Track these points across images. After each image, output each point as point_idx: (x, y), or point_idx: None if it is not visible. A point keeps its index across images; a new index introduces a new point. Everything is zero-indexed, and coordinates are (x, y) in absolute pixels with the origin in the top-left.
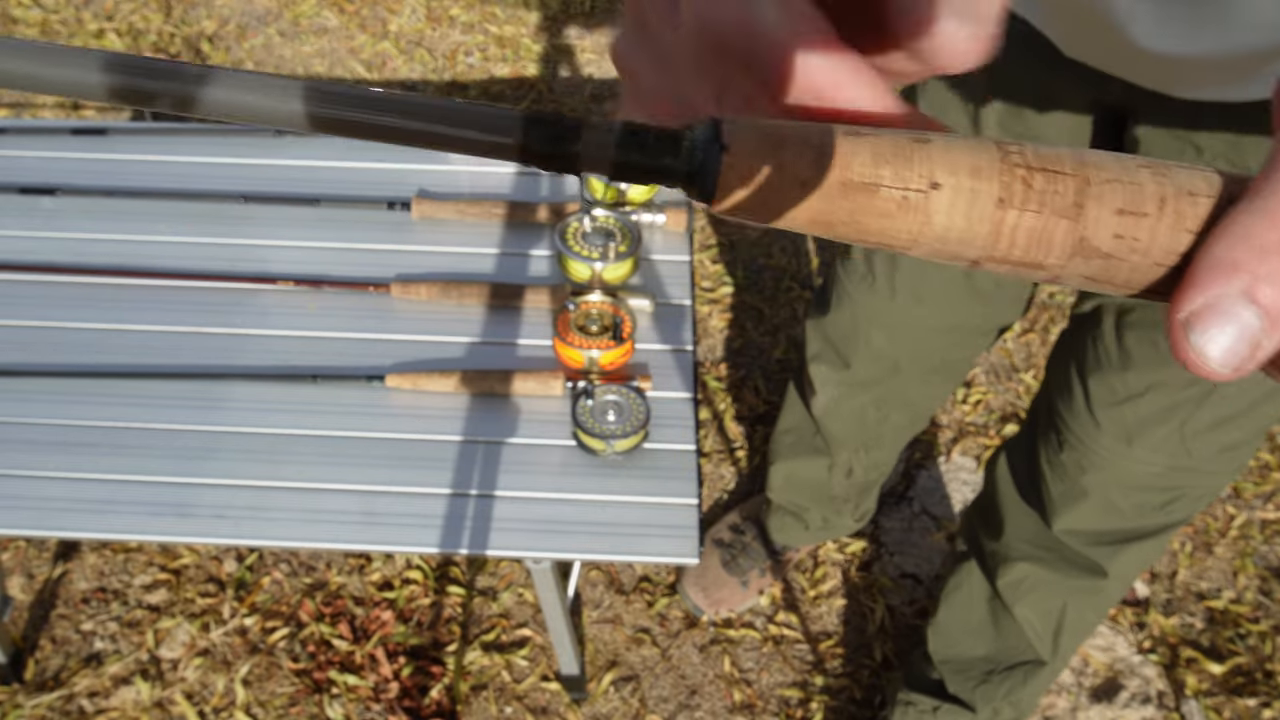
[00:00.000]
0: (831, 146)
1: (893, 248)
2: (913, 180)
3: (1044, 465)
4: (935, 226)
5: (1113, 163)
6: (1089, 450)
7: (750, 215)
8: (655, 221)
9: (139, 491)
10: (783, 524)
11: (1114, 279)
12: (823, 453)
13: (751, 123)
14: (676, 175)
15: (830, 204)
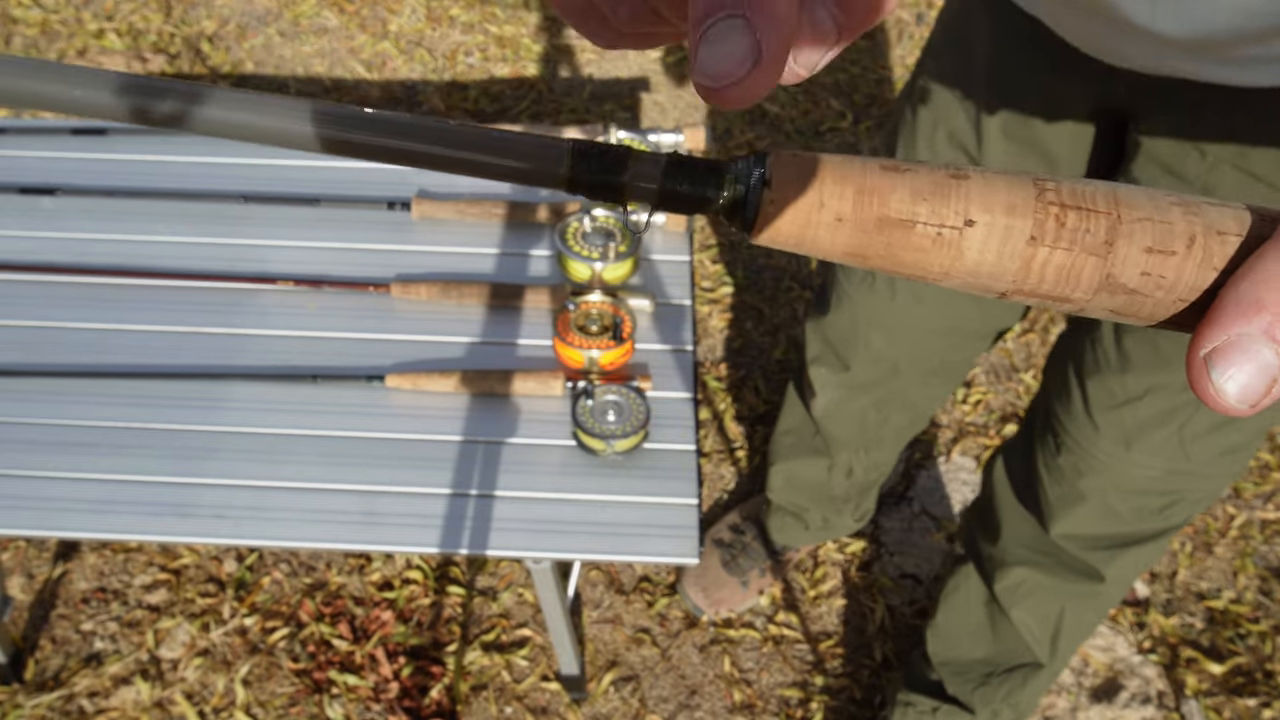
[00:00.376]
0: (870, 183)
1: (925, 279)
2: (949, 217)
3: (1041, 468)
4: (967, 262)
5: (1145, 200)
6: (1087, 453)
7: (788, 246)
8: (655, 221)
9: (139, 491)
10: (783, 524)
11: (1138, 313)
12: (822, 454)
13: (794, 156)
14: (720, 207)
15: (867, 239)
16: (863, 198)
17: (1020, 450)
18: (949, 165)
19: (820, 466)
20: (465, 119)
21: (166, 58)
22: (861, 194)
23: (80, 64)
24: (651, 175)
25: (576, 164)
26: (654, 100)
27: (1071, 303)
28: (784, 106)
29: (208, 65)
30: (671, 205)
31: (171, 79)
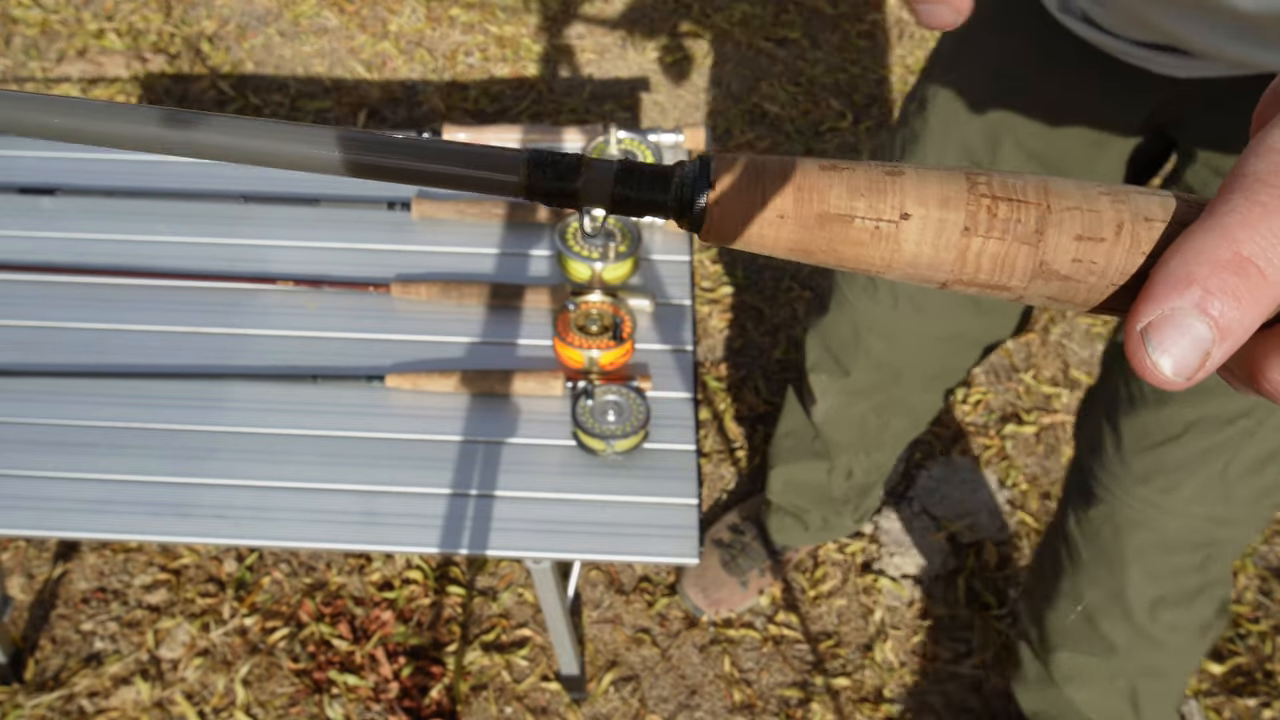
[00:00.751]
0: (809, 181)
1: (868, 272)
2: (885, 211)
3: (1073, 529)
4: (905, 254)
5: (1074, 190)
6: (1122, 504)
7: (737, 244)
8: (655, 221)
9: (139, 491)
10: (782, 525)
11: (1074, 298)
12: (822, 457)
13: (734, 158)
14: (667, 208)
15: (808, 234)
16: (802, 194)
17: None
18: (885, 163)
19: (820, 469)
20: (465, 119)
21: (166, 58)
22: (801, 191)
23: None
24: (603, 181)
25: (533, 173)
26: (654, 100)
27: (1009, 290)
28: (784, 107)
29: (208, 65)
30: (623, 208)
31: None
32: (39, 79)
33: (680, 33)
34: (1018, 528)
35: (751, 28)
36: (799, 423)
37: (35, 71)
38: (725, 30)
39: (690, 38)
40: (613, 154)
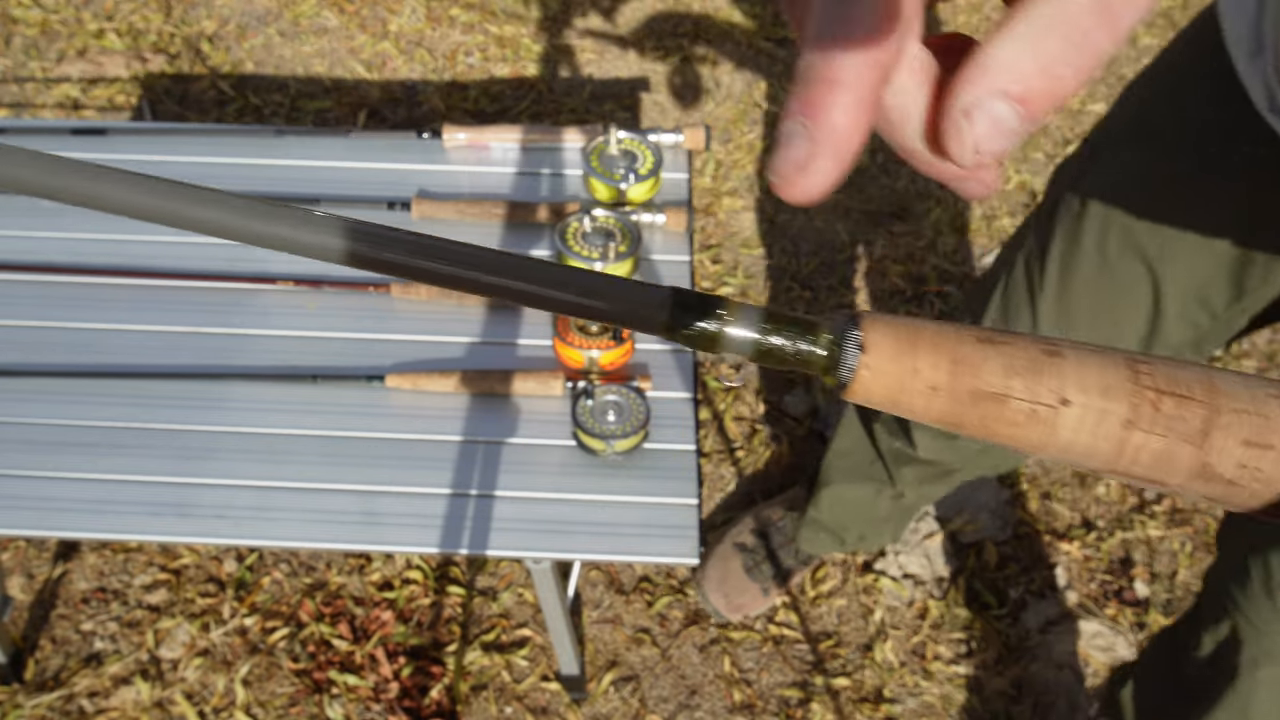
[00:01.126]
0: (964, 354)
1: (1019, 450)
2: (1043, 394)
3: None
4: (1060, 439)
5: (1243, 390)
6: (1264, 636)
7: (882, 407)
8: (655, 221)
9: (139, 491)
10: (816, 537)
11: (1233, 500)
12: (880, 480)
13: (889, 322)
14: (813, 364)
15: (960, 409)
16: (957, 369)
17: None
18: (1043, 339)
19: (871, 490)
20: (465, 119)
21: (166, 58)
22: (956, 365)
23: (88, 62)
24: (748, 329)
25: (675, 313)
26: (654, 100)
27: (1165, 486)
28: (783, 106)
29: (208, 65)
30: (767, 359)
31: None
32: (39, 79)
33: (680, 32)
34: (1018, 528)
35: (751, 28)
36: (857, 442)
37: (35, 71)
38: (725, 30)
39: (690, 37)
40: (613, 154)
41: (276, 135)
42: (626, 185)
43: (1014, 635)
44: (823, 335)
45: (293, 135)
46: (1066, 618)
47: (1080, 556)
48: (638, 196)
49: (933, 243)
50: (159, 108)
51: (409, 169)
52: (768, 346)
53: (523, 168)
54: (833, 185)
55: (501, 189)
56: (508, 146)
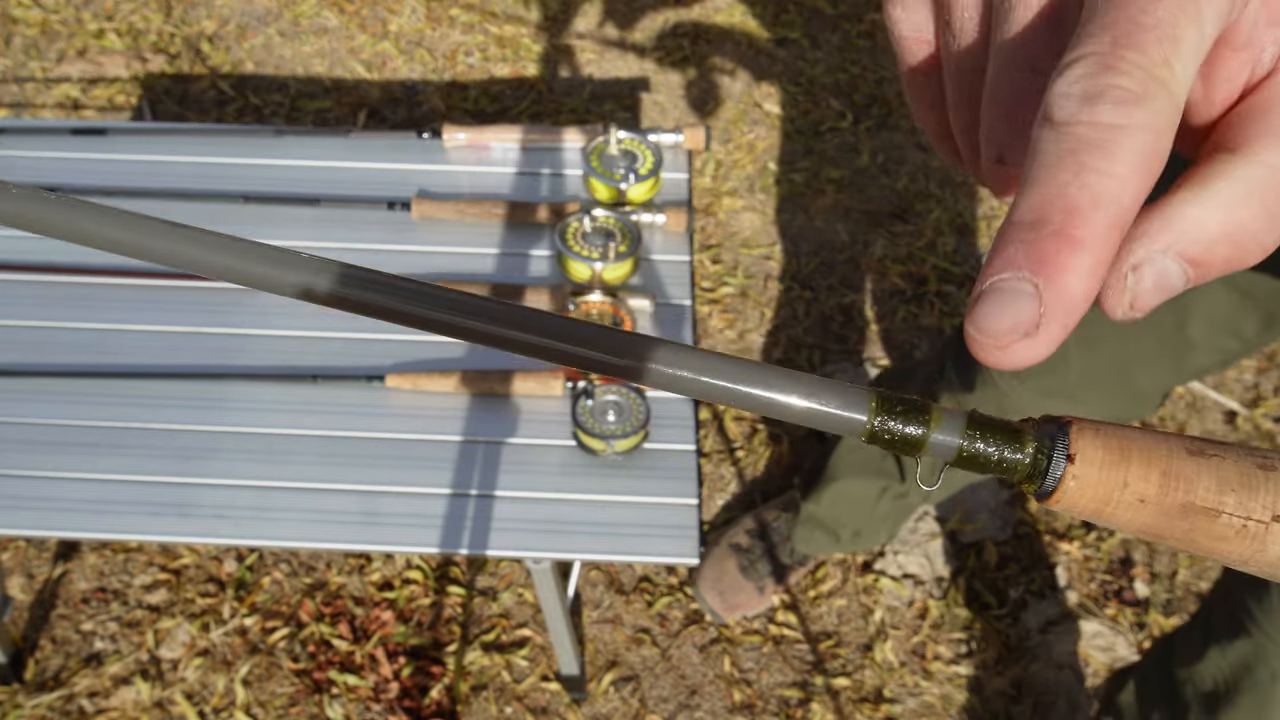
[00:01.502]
0: (1176, 468)
1: (1221, 561)
2: (1255, 510)
3: (1214, 654)
4: (1270, 555)
5: None
6: (1279, 645)
7: (1083, 516)
8: (655, 221)
9: (139, 491)
10: (812, 536)
11: None
12: (888, 475)
13: (1096, 430)
14: (1017, 471)
15: (1168, 523)
16: (1168, 482)
17: (1166, 661)
18: (1258, 451)
19: (875, 486)
20: (465, 119)
21: (166, 58)
22: (1167, 478)
23: (88, 62)
24: (952, 434)
25: (880, 416)
26: (654, 100)
27: None
28: (784, 106)
29: (208, 65)
30: (970, 464)
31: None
32: (39, 79)
33: (680, 33)
34: (1018, 528)
35: (751, 28)
36: None
37: (35, 71)
38: (725, 30)
39: (690, 38)
40: (613, 154)
41: (276, 135)
42: (626, 185)
43: (1014, 635)
44: (1028, 443)
45: (293, 135)
46: (1066, 618)
47: (1080, 556)
48: (638, 196)
49: (933, 243)
50: (159, 108)
51: (409, 169)
52: (971, 452)
53: (523, 168)
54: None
55: (501, 189)
56: (508, 146)
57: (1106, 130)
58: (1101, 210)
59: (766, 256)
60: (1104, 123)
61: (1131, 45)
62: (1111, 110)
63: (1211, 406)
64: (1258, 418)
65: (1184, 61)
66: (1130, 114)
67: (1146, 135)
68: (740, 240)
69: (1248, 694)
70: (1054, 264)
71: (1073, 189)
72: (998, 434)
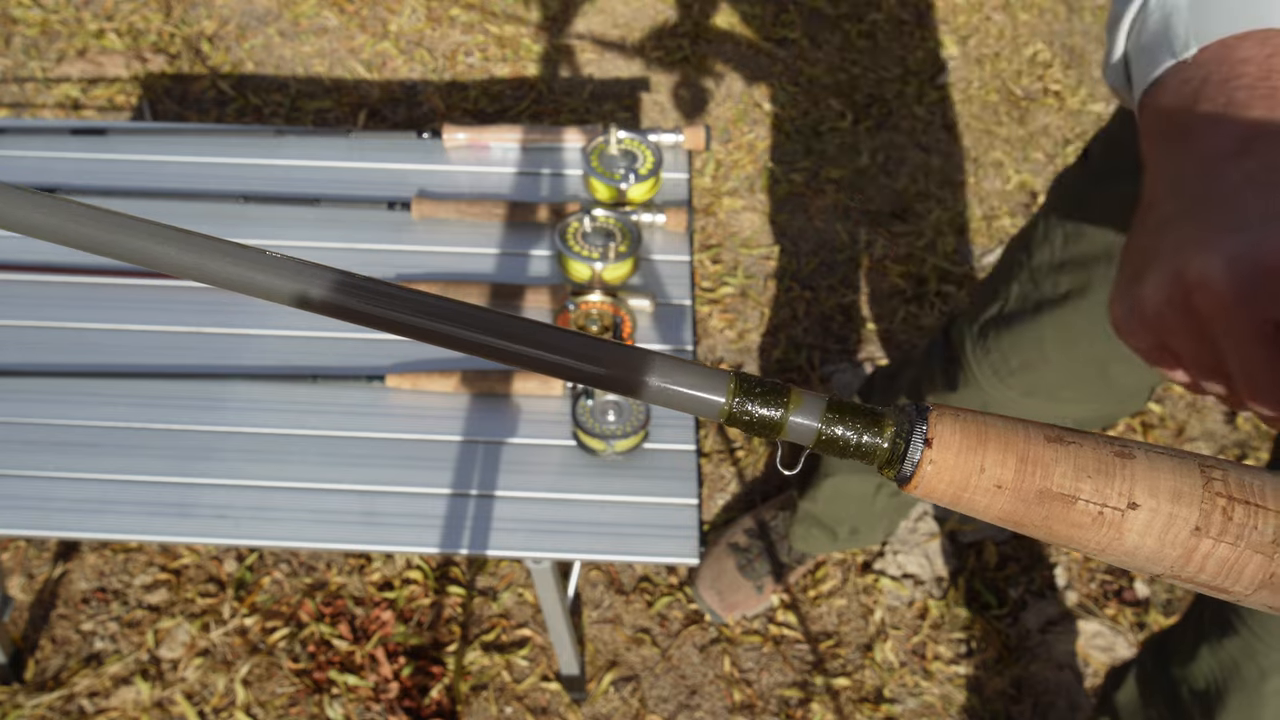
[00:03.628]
0: (1034, 454)
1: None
2: (1111, 497)
3: (1204, 653)
4: (1126, 543)
5: None
6: (1268, 647)
7: (942, 502)
8: (655, 221)
9: (139, 491)
10: (809, 534)
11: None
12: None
13: (955, 415)
14: (875, 456)
15: (1025, 509)
16: (1025, 468)
17: (1161, 659)
18: (1115, 440)
19: (871, 483)
20: (465, 119)
21: (166, 58)
22: (1024, 464)
23: (88, 62)
24: (811, 417)
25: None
26: (654, 100)
27: (1229, 594)
28: (784, 107)
29: (208, 65)
30: (829, 448)
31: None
32: (39, 79)
33: (680, 33)
34: None
35: (751, 28)
36: None
37: (35, 71)
38: (725, 30)
39: (690, 38)
40: (613, 154)
41: (276, 135)
42: (626, 185)
43: (1014, 635)
44: (888, 427)
45: (293, 135)
46: (1066, 618)
47: (1080, 556)
48: (638, 196)
49: (933, 243)
50: (159, 108)
51: (409, 169)
52: (829, 436)
53: (523, 168)
54: None
55: (501, 189)
56: (508, 146)
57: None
58: None
59: (766, 256)
60: None
61: None
62: None
63: (1211, 406)
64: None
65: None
66: None
67: None
68: (740, 240)
69: (1238, 693)
70: None
71: None
72: (857, 418)
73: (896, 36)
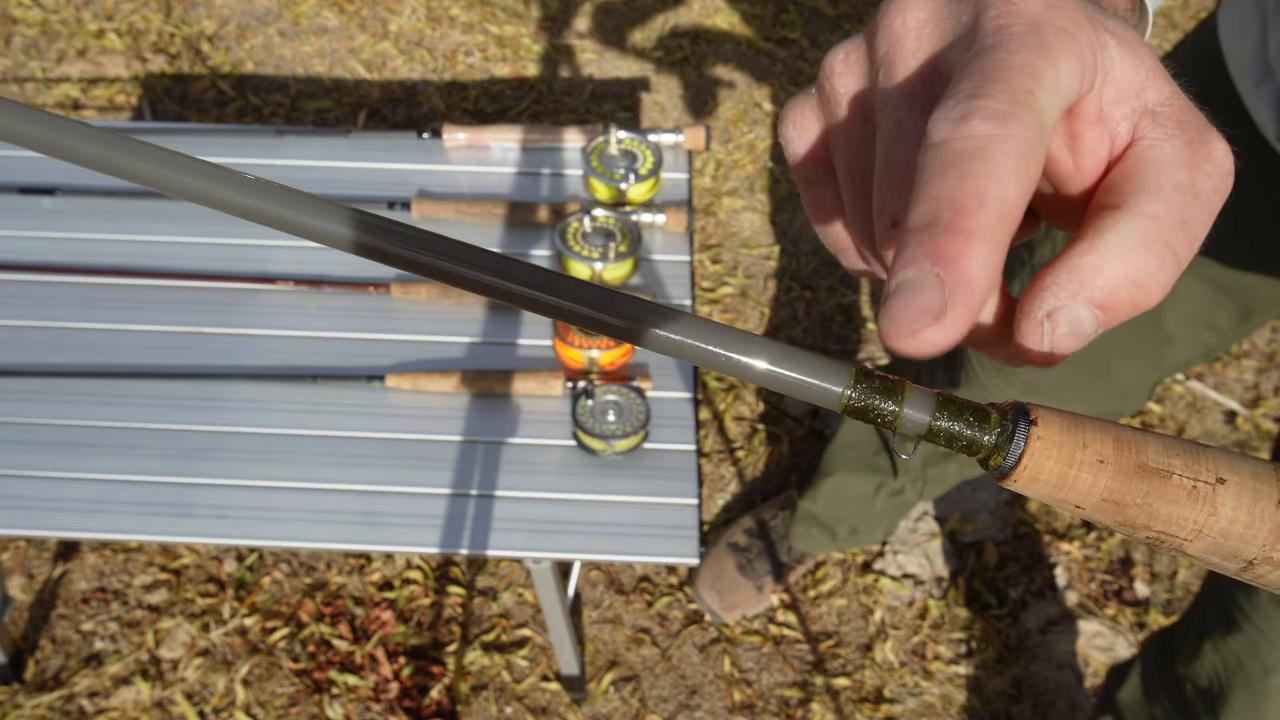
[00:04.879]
0: (1126, 435)
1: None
2: (1201, 473)
3: (1208, 651)
4: (1221, 519)
5: None
6: (1272, 644)
7: (1048, 487)
8: (655, 221)
9: (139, 491)
10: (808, 534)
11: None
12: (881, 472)
13: (1053, 409)
14: (982, 446)
15: (1128, 484)
16: (1122, 445)
17: (1165, 657)
18: (1186, 440)
19: (871, 482)
20: (465, 119)
21: (166, 58)
22: (1120, 442)
23: (88, 62)
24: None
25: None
26: (654, 100)
27: None
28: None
29: (208, 65)
30: (939, 439)
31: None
32: (39, 79)
33: (680, 33)
34: (1018, 528)
35: (751, 28)
36: (864, 434)
37: (35, 71)
38: (725, 30)
39: (690, 38)
40: (613, 154)
41: (276, 135)
42: (626, 185)
43: (1014, 635)
44: (993, 419)
45: (293, 135)
46: (1066, 618)
47: (1080, 556)
48: (638, 196)
49: None
50: (159, 108)
51: (409, 169)
52: (939, 429)
53: (523, 168)
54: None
55: (501, 189)
56: (508, 146)
57: (982, 140)
58: (987, 207)
59: (766, 256)
60: (978, 134)
61: (996, 78)
62: (983, 124)
63: (1211, 406)
64: (1257, 418)
65: (1046, 93)
66: (1001, 125)
67: (1019, 142)
68: (740, 240)
69: (1242, 688)
70: (951, 253)
71: (957, 192)
72: (964, 411)
73: None
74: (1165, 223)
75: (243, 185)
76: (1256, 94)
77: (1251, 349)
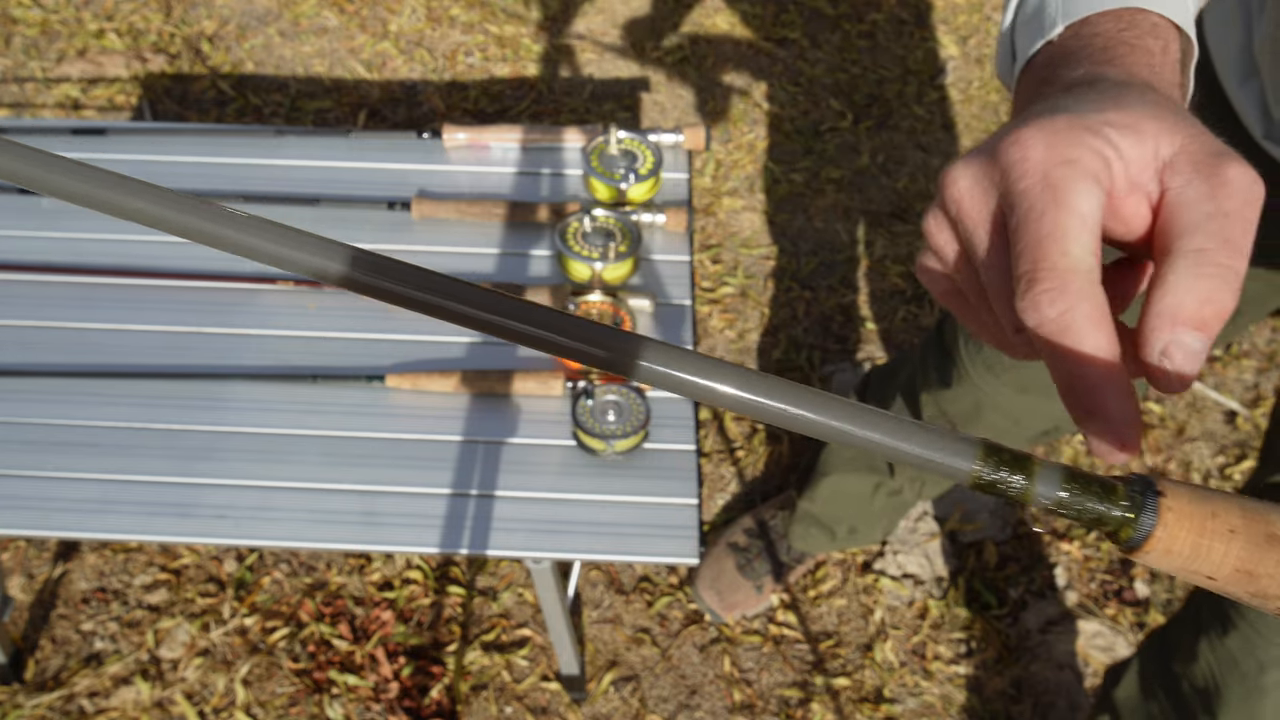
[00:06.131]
0: (1251, 505)
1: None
2: None
3: (1205, 662)
4: None
5: None
6: (1267, 641)
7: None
8: (655, 221)
9: (139, 491)
10: (808, 533)
11: None
12: (880, 472)
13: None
14: (1111, 520)
15: (1260, 553)
16: (1249, 515)
17: (1162, 655)
18: None
19: (869, 482)
20: (465, 119)
21: (166, 58)
22: (1247, 512)
23: (88, 62)
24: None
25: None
26: (654, 100)
27: None
28: (783, 106)
29: (208, 65)
30: (1066, 513)
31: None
32: (39, 79)
33: (680, 33)
34: (1018, 528)
35: (751, 28)
36: None
37: (35, 71)
38: (725, 30)
39: (690, 38)
40: (613, 154)
41: (276, 135)
42: (626, 185)
43: (1014, 635)
44: (1120, 494)
45: (293, 135)
46: (1066, 618)
47: (1080, 556)
48: (638, 196)
49: None
50: (159, 108)
51: (409, 169)
52: (1067, 503)
53: (523, 168)
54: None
55: (501, 189)
56: (508, 146)
57: (1055, 321)
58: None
59: (766, 256)
60: (1050, 319)
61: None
62: (1050, 308)
63: (1211, 407)
64: (1257, 418)
65: (1078, 242)
66: (1059, 300)
67: (1081, 301)
68: (740, 240)
69: (1237, 686)
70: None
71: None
72: (1092, 484)
73: (896, 37)
74: (1209, 249)
75: (228, 220)
76: (1241, 91)
77: (1251, 349)
